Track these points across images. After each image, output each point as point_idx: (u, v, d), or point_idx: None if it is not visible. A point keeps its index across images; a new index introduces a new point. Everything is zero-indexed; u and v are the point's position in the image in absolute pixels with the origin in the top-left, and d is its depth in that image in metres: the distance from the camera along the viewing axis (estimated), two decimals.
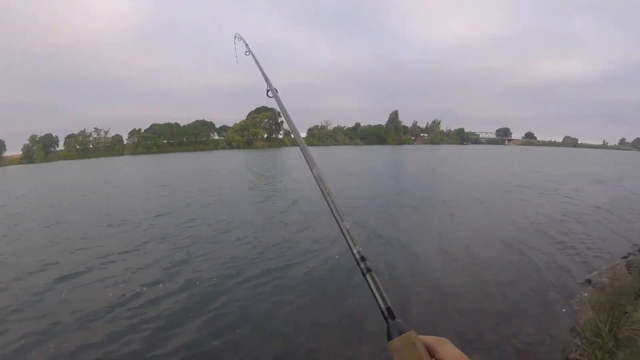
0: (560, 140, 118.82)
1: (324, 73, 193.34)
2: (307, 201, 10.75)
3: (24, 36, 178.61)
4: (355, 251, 0.76)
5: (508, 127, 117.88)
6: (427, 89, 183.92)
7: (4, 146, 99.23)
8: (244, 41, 2.29)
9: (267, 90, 1.58)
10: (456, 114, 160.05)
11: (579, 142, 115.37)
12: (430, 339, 0.59)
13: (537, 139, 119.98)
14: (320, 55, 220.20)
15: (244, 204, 11.09)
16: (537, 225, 7.91)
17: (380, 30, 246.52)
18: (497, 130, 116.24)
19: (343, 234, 0.81)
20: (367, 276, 0.71)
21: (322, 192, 0.93)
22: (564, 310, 4.11)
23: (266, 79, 1.65)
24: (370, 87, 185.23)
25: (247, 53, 2.17)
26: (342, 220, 0.83)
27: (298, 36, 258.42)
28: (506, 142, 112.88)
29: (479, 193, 12.42)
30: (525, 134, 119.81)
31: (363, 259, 0.74)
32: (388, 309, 0.65)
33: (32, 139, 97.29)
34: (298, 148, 1.13)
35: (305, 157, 1.06)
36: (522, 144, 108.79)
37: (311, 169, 1.02)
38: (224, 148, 76.46)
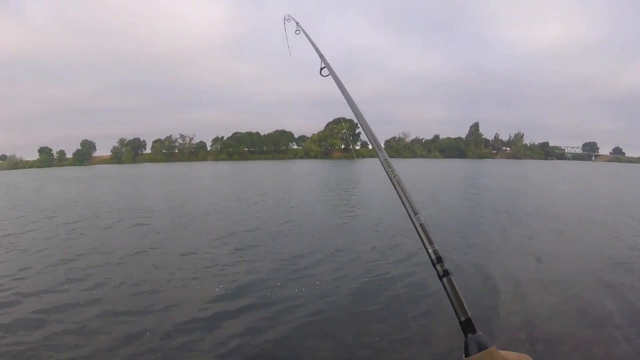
0: None
1: (409, 80, 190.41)
2: None
3: (115, 42, 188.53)
4: (430, 250, 0.66)
5: (594, 141, 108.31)
6: (511, 98, 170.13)
7: (94, 147, 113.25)
8: (294, 20, 2.01)
9: (321, 69, 1.38)
10: (540, 126, 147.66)
11: None
12: (510, 356, 0.53)
13: (626, 154, 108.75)
14: (407, 62, 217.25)
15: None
16: None
17: (471, 37, 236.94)
18: (583, 145, 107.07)
19: (416, 229, 0.69)
20: (444, 280, 0.62)
21: (390, 180, 0.80)
22: None
23: (321, 56, 1.45)
24: (454, 96, 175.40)
25: (298, 32, 1.91)
26: (415, 214, 0.71)
27: (385, 41, 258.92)
28: (593, 157, 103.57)
29: None
30: (613, 149, 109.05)
31: (440, 259, 0.64)
32: (468, 320, 0.57)
33: (121, 141, 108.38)
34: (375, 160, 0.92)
35: (368, 138, 0.95)
36: (610, 160, 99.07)
37: (377, 154, 0.88)
38: (302, 157, 79.32)
